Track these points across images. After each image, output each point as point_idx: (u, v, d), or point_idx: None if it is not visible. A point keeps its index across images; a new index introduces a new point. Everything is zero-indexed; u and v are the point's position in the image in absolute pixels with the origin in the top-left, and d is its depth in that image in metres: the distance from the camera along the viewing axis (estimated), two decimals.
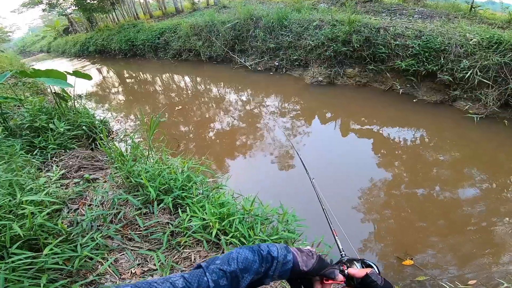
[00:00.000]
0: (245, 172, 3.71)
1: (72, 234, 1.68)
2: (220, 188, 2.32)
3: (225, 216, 1.83)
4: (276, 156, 3.91)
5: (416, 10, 6.58)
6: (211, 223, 1.76)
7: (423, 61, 4.62)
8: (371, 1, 7.77)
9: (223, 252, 1.77)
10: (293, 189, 3.29)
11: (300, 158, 1.80)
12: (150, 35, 11.03)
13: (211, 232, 1.74)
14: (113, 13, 16.29)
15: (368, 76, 5.52)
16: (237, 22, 7.83)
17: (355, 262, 0.71)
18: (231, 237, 1.75)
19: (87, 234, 1.71)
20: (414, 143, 3.94)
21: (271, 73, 7.09)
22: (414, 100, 4.81)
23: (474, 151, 3.66)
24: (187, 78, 8.35)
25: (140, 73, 9.92)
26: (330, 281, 0.68)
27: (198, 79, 8.12)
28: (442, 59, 4.42)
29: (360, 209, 2.97)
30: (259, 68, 7.37)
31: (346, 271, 0.67)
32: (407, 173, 3.41)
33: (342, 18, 5.90)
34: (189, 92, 7.33)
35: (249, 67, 7.48)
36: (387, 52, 5.02)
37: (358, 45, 5.31)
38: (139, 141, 3.73)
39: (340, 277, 0.68)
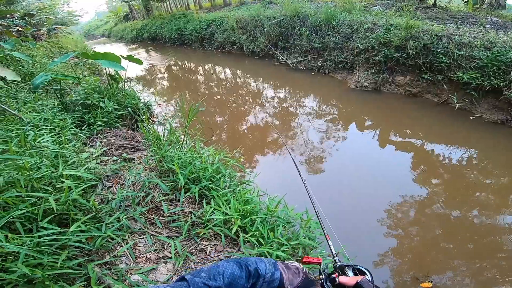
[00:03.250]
0: (272, 171, 3.66)
1: (101, 212, 1.73)
2: (247, 184, 2.30)
3: (248, 214, 1.80)
4: (306, 159, 3.79)
5: (489, 19, 5.84)
6: (233, 219, 1.75)
7: (489, 75, 4.09)
8: (435, 7, 7.08)
9: (239, 250, 1.75)
10: (319, 194, 3.17)
11: (307, 189, 1.73)
12: (198, 26, 11.43)
13: (232, 228, 1.73)
14: (167, 2, 17.19)
15: (421, 86, 5.05)
16: (283, 19, 7.71)
17: (346, 268, 0.70)
18: (250, 236, 1.73)
19: (115, 213, 1.76)
20: (460, 163, 3.54)
21: (313, 73, 6.87)
22: (471, 118, 4.29)
23: None
24: (228, 70, 8.50)
25: (185, 61, 10.34)
26: None
27: (239, 72, 8.20)
28: None
29: (386, 223, 2.80)
30: (301, 67, 7.20)
31: (337, 280, 0.66)
32: (445, 192, 3.11)
33: (398, 22, 5.46)
34: (229, 84, 7.44)
35: (291, 65, 7.35)
36: (447, 62, 4.53)
37: (413, 52, 4.88)
38: (176, 127, 3.88)
39: None
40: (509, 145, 3.72)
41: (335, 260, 0.80)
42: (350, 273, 0.69)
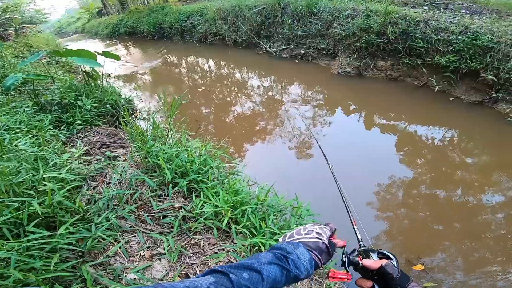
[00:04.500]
0: (262, 159, 3.67)
1: (89, 213, 1.70)
2: (236, 175, 2.30)
3: (238, 205, 1.80)
4: (295, 145, 3.83)
5: (464, 5, 5.99)
6: (223, 211, 1.75)
7: (466, 58, 4.22)
8: None
9: (232, 241, 1.76)
10: (310, 181, 3.21)
11: (319, 145, 1.72)
12: (177, 18, 11.11)
13: (223, 220, 1.73)
14: None
15: (401, 70, 5.16)
16: (264, 8, 7.60)
17: (371, 252, 0.68)
18: (242, 226, 1.73)
19: (103, 213, 1.73)
20: (443, 143, 3.68)
21: (296, 60, 6.86)
22: (451, 99, 4.44)
23: (508, 157, 3.35)
24: (211, 62, 8.34)
25: (167, 55, 10.04)
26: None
27: (222, 62, 8.07)
28: (488, 57, 4.02)
29: (375, 205, 2.87)
30: (284, 55, 7.16)
31: (361, 263, 0.65)
32: (430, 173, 3.21)
33: (377, 8, 5.50)
34: (213, 75, 7.32)
35: (274, 54, 7.30)
36: (425, 46, 4.63)
37: (393, 37, 4.95)
38: (161, 121, 3.80)
39: (340, 243, 0.71)
40: (488, 125, 3.89)
41: (360, 245, 0.78)
42: (374, 257, 0.67)
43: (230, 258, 1.64)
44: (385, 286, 0.60)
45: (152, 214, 1.86)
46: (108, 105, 3.40)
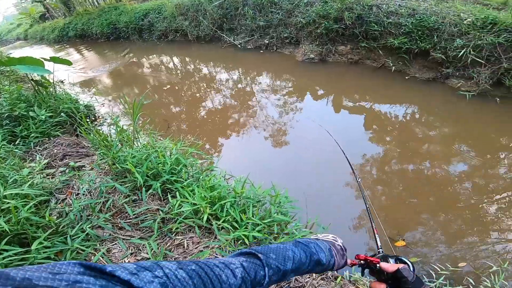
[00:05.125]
0: (238, 152, 3.68)
1: (62, 226, 1.63)
2: (211, 170, 2.28)
3: (216, 200, 1.79)
4: (269, 134, 3.88)
5: None
6: (202, 208, 1.73)
7: (416, 39, 4.53)
8: None
9: (216, 238, 1.76)
10: (286, 168, 3.27)
11: (347, 158, 1.73)
12: (133, 17, 10.54)
13: (203, 218, 1.72)
14: None
15: (360, 54, 5.40)
16: (225, 0, 7.47)
17: (389, 258, 0.70)
18: (223, 221, 1.73)
19: (77, 225, 1.66)
20: (405, 119, 3.94)
21: (261, 51, 6.88)
22: (406, 77, 4.76)
23: (465, 127, 3.68)
24: (175, 59, 8.07)
25: (126, 55, 9.50)
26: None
27: (187, 59, 7.85)
28: (435, 37, 4.34)
29: (352, 184, 2.97)
30: (249, 47, 7.14)
31: (378, 265, 0.67)
32: (398, 149, 3.42)
33: None
34: (179, 72, 7.09)
35: (239, 46, 7.25)
36: (379, 29, 4.89)
37: (350, 23, 5.15)
38: (128, 125, 3.62)
39: (349, 261, 0.74)
40: (443, 99, 4.22)
41: (379, 252, 0.81)
42: (392, 261, 0.69)
43: (216, 254, 1.64)
44: None
45: (129, 220, 1.80)
46: (63, 114, 3.17)
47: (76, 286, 0.31)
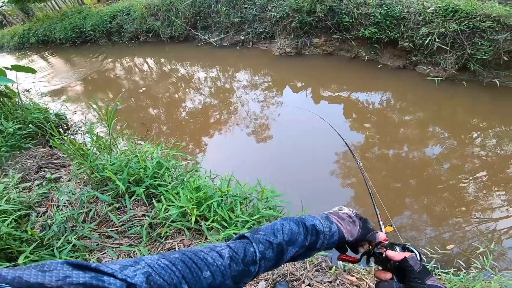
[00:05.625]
0: (222, 150, 3.67)
1: (46, 239, 1.59)
2: (195, 171, 2.25)
3: (203, 201, 1.78)
4: (252, 130, 3.90)
5: None
6: (188, 210, 1.72)
7: (385, 29, 4.69)
8: None
9: (206, 239, 1.76)
10: (271, 162, 3.30)
11: (348, 146, 1.71)
12: (99, 20, 10.07)
13: (191, 220, 1.71)
14: (52, 1, 14.66)
15: (334, 45, 5.53)
16: None
17: (396, 246, 0.67)
18: (212, 221, 1.73)
19: (62, 236, 1.62)
20: (382, 106, 4.10)
21: (238, 47, 6.85)
22: (379, 66, 4.94)
23: (437, 111, 3.89)
24: (149, 60, 7.83)
25: (96, 59, 9.09)
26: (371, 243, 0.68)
27: (162, 60, 7.64)
28: (402, 27, 4.52)
29: (337, 173, 3.05)
30: (225, 44, 7.08)
31: (384, 254, 0.64)
32: (377, 135, 3.55)
33: None
34: (154, 74, 6.90)
35: (214, 44, 7.16)
36: (350, 21, 5.02)
37: (322, 15, 5.24)
38: (105, 132, 3.49)
39: (382, 236, 0.68)
40: (414, 85, 4.42)
41: (384, 240, 0.77)
42: (398, 250, 0.66)
43: None
44: (404, 279, 0.59)
45: (115, 228, 1.76)
46: (31, 125, 3.00)
47: (67, 281, 0.32)
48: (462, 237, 2.33)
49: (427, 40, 4.21)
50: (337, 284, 1.66)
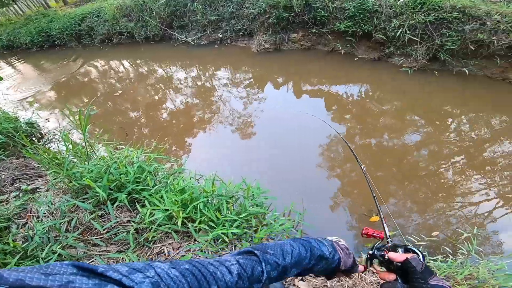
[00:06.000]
0: (206, 149, 3.64)
1: (30, 250, 1.54)
2: (179, 173, 2.23)
3: (188, 202, 1.77)
4: (236, 128, 3.89)
5: None
6: (174, 213, 1.70)
7: (359, 22, 4.81)
8: None
9: (195, 241, 1.74)
10: (256, 159, 3.31)
11: (351, 149, 1.71)
12: (67, 23, 9.58)
13: (177, 222, 1.69)
14: (14, 5, 13.84)
15: (312, 40, 5.61)
16: None
17: (398, 248, 0.69)
18: (199, 223, 1.71)
19: (46, 247, 1.57)
20: (360, 97, 4.23)
21: (216, 45, 6.78)
22: (355, 59, 5.07)
23: (412, 100, 4.06)
24: (125, 62, 7.58)
25: (65, 63, 8.68)
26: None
27: (138, 61, 7.42)
28: (375, 19, 4.66)
29: (323, 164, 3.10)
30: (203, 42, 6.99)
31: (386, 255, 0.66)
32: (358, 125, 3.65)
33: None
34: (131, 76, 6.69)
35: (192, 43, 7.04)
36: (326, 15, 5.10)
37: (299, 10, 5.30)
38: (81, 138, 3.35)
39: (361, 268, 0.72)
40: (389, 76, 4.58)
41: (388, 242, 0.78)
42: (401, 251, 0.68)
43: (199, 257, 1.64)
44: (407, 279, 0.60)
45: (100, 236, 1.72)
46: (1, 136, 2.85)
47: (69, 286, 0.32)
48: (447, 223, 2.39)
49: (399, 32, 4.37)
50: None
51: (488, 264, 1.69)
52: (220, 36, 6.72)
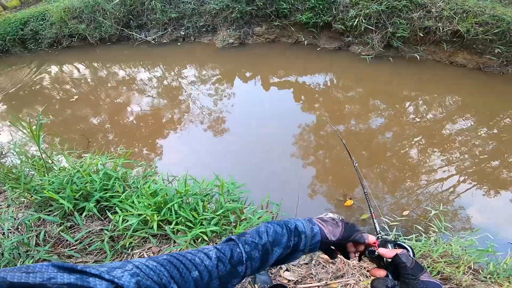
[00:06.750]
0: (178, 150, 3.57)
1: (1, 267, 1.44)
2: (150, 176, 2.16)
3: (162, 205, 1.73)
4: (207, 126, 3.85)
5: None
6: (148, 217, 1.66)
7: (319, 13, 4.97)
8: None
9: (174, 243, 1.72)
10: (228, 155, 3.32)
11: (344, 144, 1.66)
12: (8, 28, 8.64)
13: (153, 226, 1.65)
14: None
15: (276, 32, 5.69)
16: None
17: (388, 243, 0.67)
18: (176, 224, 1.69)
19: (18, 262, 1.50)
20: (326, 86, 4.40)
21: (179, 43, 6.58)
22: (318, 49, 5.24)
23: (372, 86, 4.31)
24: (80, 66, 7.06)
25: (10, 71, 7.88)
26: (362, 246, 0.67)
27: (95, 64, 6.97)
28: (334, 10, 4.84)
29: (297, 155, 3.17)
30: (164, 41, 6.74)
31: (376, 251, 0.64)
32: (326, 113, 3.80)
33: None
34: (89, 80, 6.27)
35: (153, 42, 6.76)
36: (288, 7, 5.20)
37: (261, 3, 5.34)
38: (35, 150, 3.09)
39: (372, 239, 0.67)
40: (350, 64, 4.81)
41: (378, 237, 0.77)
42: (390, 247, 0.65)
43: None
44: (398, 276, 0.59)
45: (74, 247, 1.64)
46: None
47: (51, 282, 0.32)
48: (416, 201, 2.48)
49: (356, 22, 4.59)
50: (314, 265, 1.71)
51: (459, 241, 1.72)
52: (183, 33, 6.54)
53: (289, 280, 1.67)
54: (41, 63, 7.82)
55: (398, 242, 0.67)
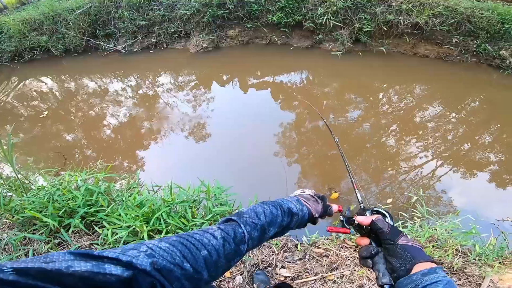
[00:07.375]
0: (161, 159, 3.51)
1: None
2: (134, 188, 2.12)
3: (150, 215, 1.71)
4: (188, 132, 3.82)
5: None
6: (138, 228, 1.63)
7: (290, 13, 5.10)
8: None
9: None
10: (212, 159, 3.30)
11: (326, 122, 1.62)
12: None
13: (144, 236, 1.63)
14: None
15: (249, 34, 5.74)
16: (91, 6, 6.50)
17: (366, 211, 0.68)
18: (166, 232, 1.67)
19: None
20: (302, 83, 4.51)
21: (151, 51, 6.44)
22: (291, 48, 5.37)
23: (345, 80, 4.49)
24: (46, 79, 6.69)
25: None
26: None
27: (62, 76, 6.63)
28: (303, 9, 4.98)
29: (281, 153, 3.22)
30: (136, 49, 6.56)
31: (356, 220, 0.66)
32: (305, 109, 3.89)
33: None
34: (57, 93, 5.97)
35: (123, 51, 6.55)
36: (259, 8, 5.27)
37: (232, 6, 5.37)
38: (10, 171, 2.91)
39: (335, 207, 0.76)
40: (322, 61, 4.97)
41: (360, 207, 0.78)
42: (368, 214, 0.66)
43: None
44: (379, 242, 0.60)
45: None
46: None
47: (70, 270, 0.34)
48: (399, 189, 2.56)
49: (324, 19, 4.76)
50: (307, 259, 1.76)
51: (443, 225, 1.75)
52: (154, 40, 6.40)
53: (286, 277, 1.70)
54: (2, 79, 7.32)
55: (375, 208, 0.68)
